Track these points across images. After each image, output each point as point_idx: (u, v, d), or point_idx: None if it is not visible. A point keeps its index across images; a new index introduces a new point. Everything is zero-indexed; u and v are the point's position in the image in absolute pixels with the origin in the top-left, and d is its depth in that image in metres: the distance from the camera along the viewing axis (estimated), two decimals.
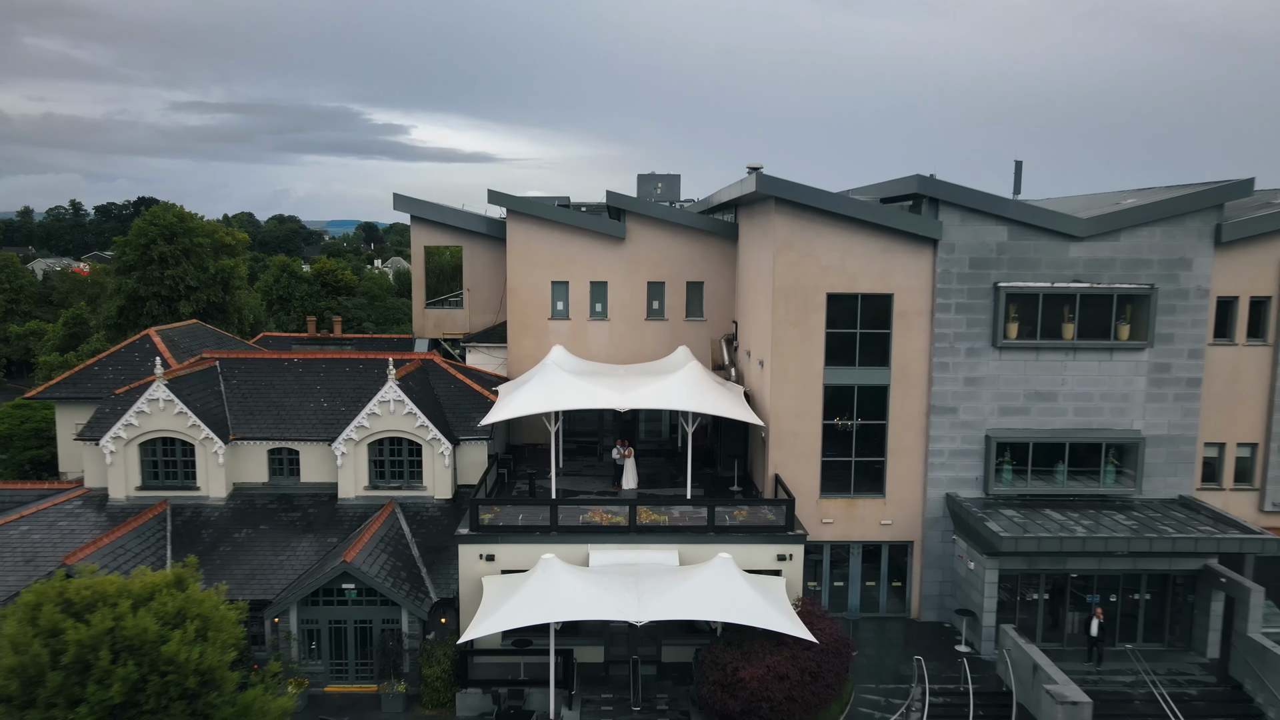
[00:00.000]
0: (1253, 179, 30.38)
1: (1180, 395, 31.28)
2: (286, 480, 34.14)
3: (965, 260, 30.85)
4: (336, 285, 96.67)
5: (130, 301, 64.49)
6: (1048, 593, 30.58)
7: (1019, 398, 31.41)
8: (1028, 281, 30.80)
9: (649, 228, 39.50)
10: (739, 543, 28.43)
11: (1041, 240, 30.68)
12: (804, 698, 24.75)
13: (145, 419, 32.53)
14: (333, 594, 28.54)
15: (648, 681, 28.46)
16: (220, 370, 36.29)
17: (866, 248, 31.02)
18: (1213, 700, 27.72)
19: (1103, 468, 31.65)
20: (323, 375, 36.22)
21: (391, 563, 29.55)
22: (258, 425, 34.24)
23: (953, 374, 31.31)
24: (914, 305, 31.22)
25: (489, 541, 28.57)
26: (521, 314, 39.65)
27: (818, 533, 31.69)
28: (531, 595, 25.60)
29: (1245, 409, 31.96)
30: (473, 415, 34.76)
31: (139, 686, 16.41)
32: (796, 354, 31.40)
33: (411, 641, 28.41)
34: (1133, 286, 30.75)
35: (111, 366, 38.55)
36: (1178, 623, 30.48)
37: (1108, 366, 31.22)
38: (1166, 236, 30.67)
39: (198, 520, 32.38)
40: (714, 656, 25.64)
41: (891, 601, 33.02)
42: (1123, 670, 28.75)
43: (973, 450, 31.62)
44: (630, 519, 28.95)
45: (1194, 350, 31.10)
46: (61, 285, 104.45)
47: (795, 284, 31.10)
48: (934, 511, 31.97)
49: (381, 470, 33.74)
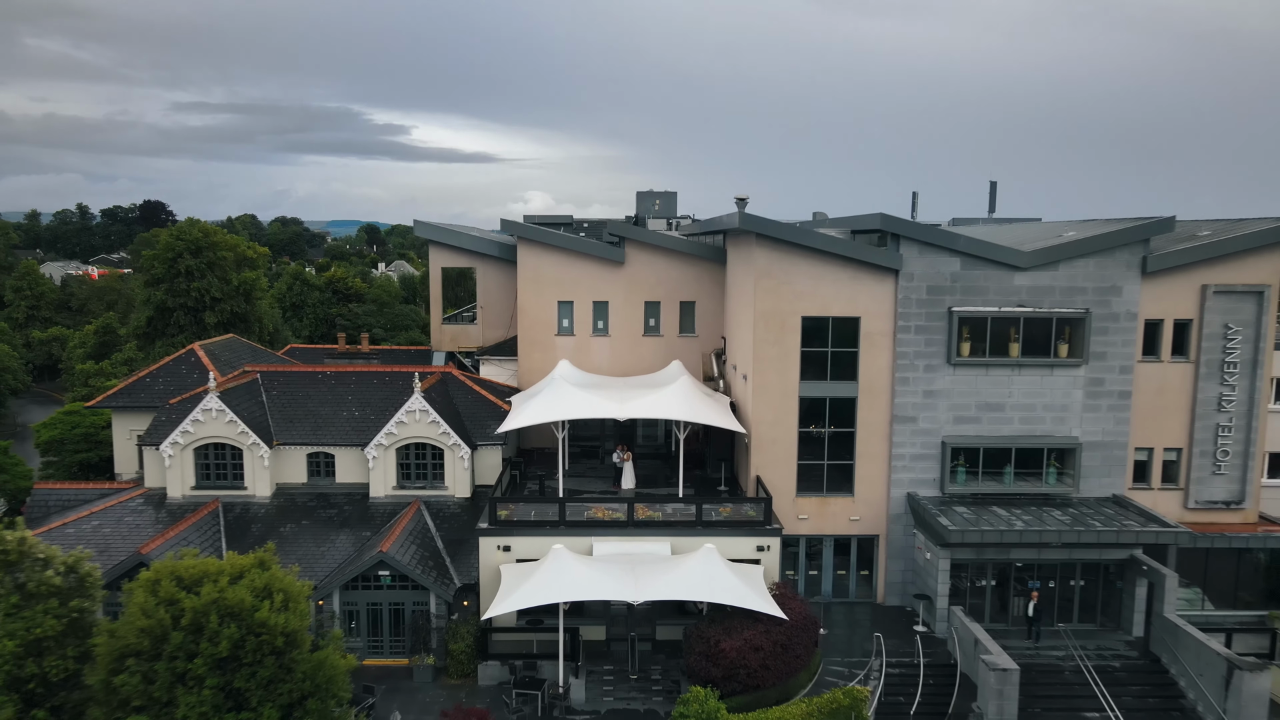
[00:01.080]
0: (1173, 217, 35.00)
1: (1113, 406, 35.87)
2: (323, 481, 38.78)
3: (923, 287, 35.42)
4: (347, 293, 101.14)
5: (159, 312, 68.98)
6: (995, 580, 35.14)
7: (971, 408, 35.99)
8: (978, 306, 35.38)
9: (646, 253, 44.10)
10: (723, 535, 33.03)
11: (990, 270, 35.26)
12: (776, 666, 29.38)
13: (200, 426, 37.15)
14: (370, 580, 33.16)
15: (644, 656, 33.12)
16: (261, 382, 40.90)
17: (837, 276, 35.59)
18: (1133, 671, 32.31)
19: (1045, 470, 36.27)
20: (353, 386, 40.82)
21: (420, 553, 34.15)
22: (297, 432, 38.87)
23: (913, 387, 35.88)
24: (878, 327, 35.79)
25: (505, 534, 33.15)
26: (531, 330, 44.26)
27: (794, 527, 36.27)
28: (543, 580, 30.20)
29: (1171, 418, 36.53)
30: (488, 423, 39.37)
31: (239, 644, 20.95)
32: (775, 370, 35.99)
33: (438, 621, 33.02)
34: (1070, 310, 35.34)
35: (162, 378, 43.16)
36: (1108, 605, 35.04)
37: (1049, 381, 35.80)
38: (1099, 267, 35.25)
39: (246, 516, 37.00)
40: (699, 632, 30.25)
41: (860, 588, 37.62)
42: (1057, 646, 33.33)
43: (931, 455, 36.21)
44: (629, 515, 33.56)
45: (1124, 366, 35.68)
46: (80, 292, 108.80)
47: (774, 308, 35.68)
48: (897, 508, 36.56)
49: (408, 472, 38.34)
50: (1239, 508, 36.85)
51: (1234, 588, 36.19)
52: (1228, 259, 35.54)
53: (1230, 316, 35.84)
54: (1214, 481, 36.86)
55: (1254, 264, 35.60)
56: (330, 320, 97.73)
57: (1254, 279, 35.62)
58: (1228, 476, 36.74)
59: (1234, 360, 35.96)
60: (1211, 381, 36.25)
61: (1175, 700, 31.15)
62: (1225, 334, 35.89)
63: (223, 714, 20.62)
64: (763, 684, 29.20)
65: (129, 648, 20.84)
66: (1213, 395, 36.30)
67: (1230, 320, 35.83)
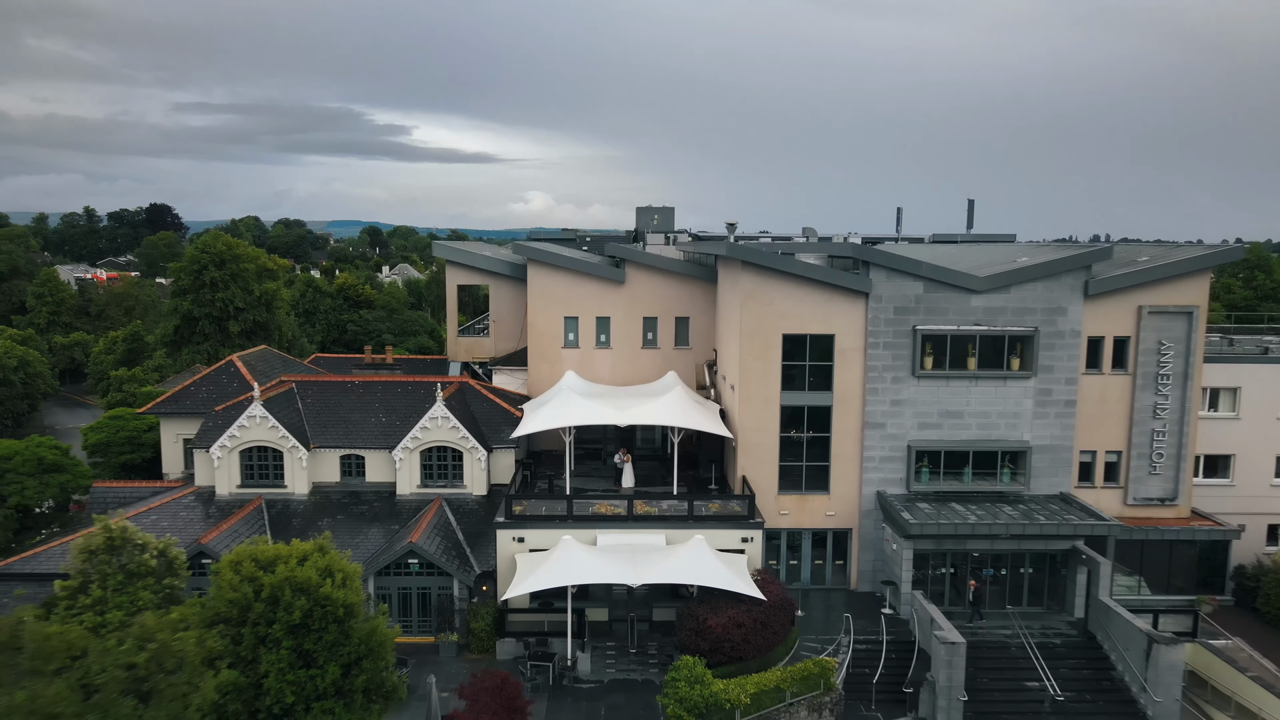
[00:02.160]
0: (1111, 246, 39.95)
1: (1059, 413, 40.68)
2: (355, 480, 43.65)
3: (890, 308, 40.23)
4: (357, 299, 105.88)
5: (185, 320, 73.96)
6: (953, 568, 39.93)
7: (933, 415, 40.81)
8: (939, 325, 40.19)
9: (644, 273, 48.94)
10: (712, 528, 37.87)
11: (949, 293, 40.06)
12: (756, 641, 34.23)
13: (245, 431, 42.00)
14: (401, 567, 38.00)
15: (642, 634, 38.00)
16: (297, 391, 45.75)
17: (814, 298, 40.40)
18: (1071, 647, 37.13)
19: (999, 470, 41.10)
20: (379, 395, 45.66)
21: (443, 544, 39.00)
22: (331, 436, 43.73)
23: (881, 397, 40.70)
24: (851, 343, 40.59)
25: (520, 527, 38.00)
26: (539, 343, 49.09)
27: (776, 522, 41.10)
28: (553, 567, 35.06)
29: (1111, 424, 41.34)
30: (502, 428, 44.20)
31: (309, 614, 25.70)
32: (759, 381, 40.81)
33: (461, 603, 37.89)
34: (1021, 329, 40.15)
35: (205, 387, 48.05)
36: (1053, 590, 39.82)
37: (1002, 391, 40.62)
38: (1047, 290, 40.06)
39: (287, 512, 41.84)
40: (690, 612, 35.09)
41: (835, 576, 42.45)
42: (1005, 626, 38.13)
43: (898, 457, 41.03)
44: (629, 510, 38.41)
45: (1070, 378, 40.49)
46: (99, 297, 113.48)
47: (758, 326, 40.50)
48: (868, 505, 41.38)
49: (430, 472, 43.18)
50: (1173, 504, 41.66)
51: (1167, 575, 40.99)
52: (1161, 283, 40.37)
53: (1164, 334, 40.66)
54: (1150, 481, 41.68)
55: (1184, 287, 40.42)
56: (341, 326, 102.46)
57: (1184, 301, 40.44)
58: (1163, 476, 41.56)
59: (1167, 373, 40.78)
60: (1147, 392, 41.06)
61: (1106, 672, 35.95)
62: (1159, 349, 40.71)
63: (295, 670, 25.43)
64: (745, 656, 34.03)
65: (219, 615, 25.67)
66: (1149, 404, 41.12)
67: (1163, 337, 40.64)
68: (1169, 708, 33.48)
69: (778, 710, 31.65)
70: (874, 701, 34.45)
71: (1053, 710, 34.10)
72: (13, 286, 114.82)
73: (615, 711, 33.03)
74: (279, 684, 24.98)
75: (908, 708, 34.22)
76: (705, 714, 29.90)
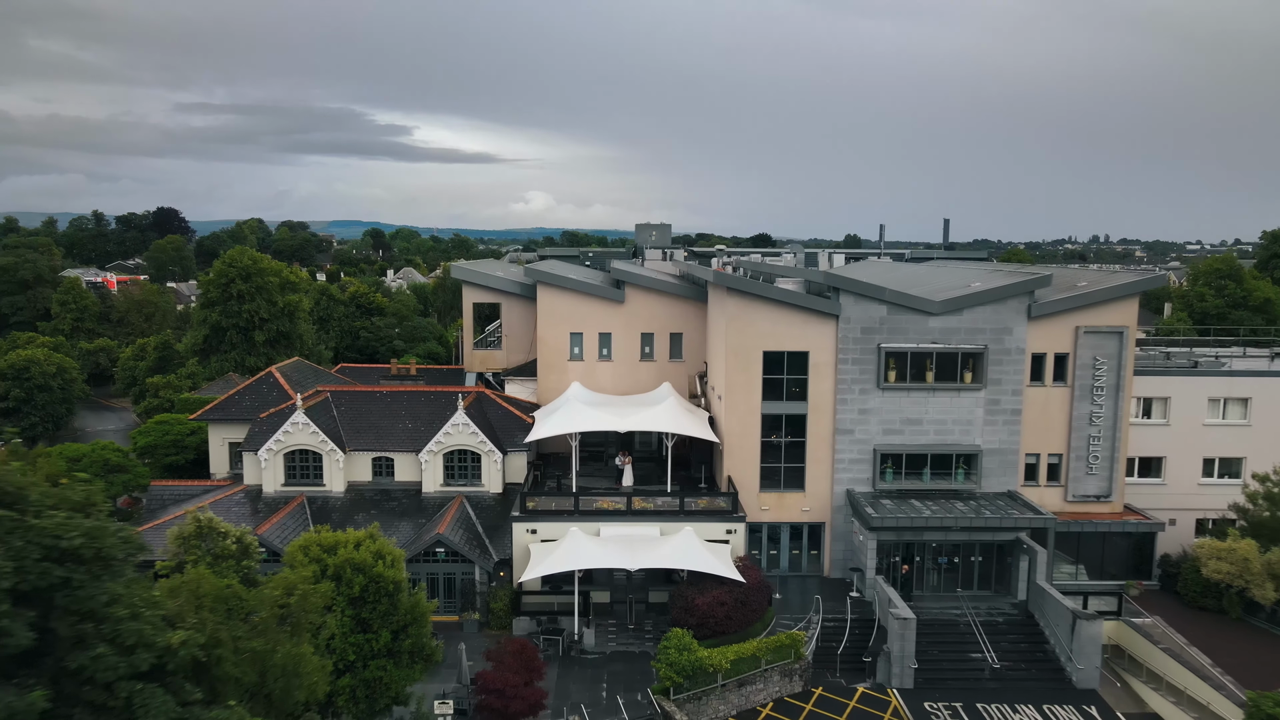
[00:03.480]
0: (1050, 275, 45.91)
1: (1007, 421, 46.77)
2: (385, 479, 49.78)
3: (858, 328, 46.31)
4: (369, 307, 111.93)
5: (214, 330, 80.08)
6: (917, 556, 45.96)
7: (896, 423, 46.89)
8: (901, 343, 46.27)
9: (642, 293, 55.05)
10: (700, 521, 43.99)
11: (910, 315, 46.15)
12: (737, 617, 40.34)
13: (289, 436, 48.12)
14: (429, 555, 44.10)
15: (639, 613, 44.12)
16: (332, 400, 51.86)
17: (791, 320, 46.47)
18: (1012, 625, 43.24)
19: (954, 471, 47.19)
20: (406, 403, 51.79)
21: (465, 535, 45.13)
22: (364, 440, 49.84)
23: (850, 406, 46.79)
24: (824, 359, 46.66)
25: (532, 520, 44.10)
26: (548, 356, 55.21)
27: (757, 516, 47.19)
28: (562, 555, 41.17)
29: (1053, 430, 47.42)
30: (515, 433, 50.31)
31: (365, 588, 31.77)
32: (743, 392, 46.89)
33: (482, 586, 44.01)
34: (972, 347, 46.24)
35: (248, 396, 54.19)
36: (1000, 576, 45.88)
37: (957, 401, 46.71)
38: (995, 313, 46.14)
39: (326, 508, 47.96)
40: (680, 593, 41.23)
41: (810, 564, 48.57)
42: (956, 606, 44.24)
43: (865, 459, 47.12)
44: (627, 506, 44.52)
45: (1016, 390, 46.57)
46: (121, 304, 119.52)
47: (741, 344, 46.59)
48: (839, 501, 47.47)
49: (452, 472, 49.29)
50: (1107, 500, 47.77)
51: (1102, 563, 47.06)
52: (1095, 306, 46.44)
53: (1098, 351, 46.74)
54: (1088, 480, 47.78)
55: (1116, 310, 46.50)
56: (354, 333, 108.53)
57: (1116, 322, 46.52)
58: (1098, 476, 47.66)
59: (1101, 385, 46.87)
60: (1084, 402, 47.15)
61: (1041, 645, 42.06)
62: (1094, 364, 46.79)
63: (355, 634, 31.56)
64: (727, 630, 40.14)
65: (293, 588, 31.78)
66: (1085, 412, 47.21)
67: (1098, 354, 46.73)
68: (1089, 674, 39.61)
69: (753, 675, 37.75)
70: (838, 669, 40.57)
71: (991, 677, 40.23)
72: (37, 294, 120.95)
73: (616, 677, 39.17)
74: (343, 645, 31.11)
75: (867, 674, 40.35)
76: (691, 676, 35.99)
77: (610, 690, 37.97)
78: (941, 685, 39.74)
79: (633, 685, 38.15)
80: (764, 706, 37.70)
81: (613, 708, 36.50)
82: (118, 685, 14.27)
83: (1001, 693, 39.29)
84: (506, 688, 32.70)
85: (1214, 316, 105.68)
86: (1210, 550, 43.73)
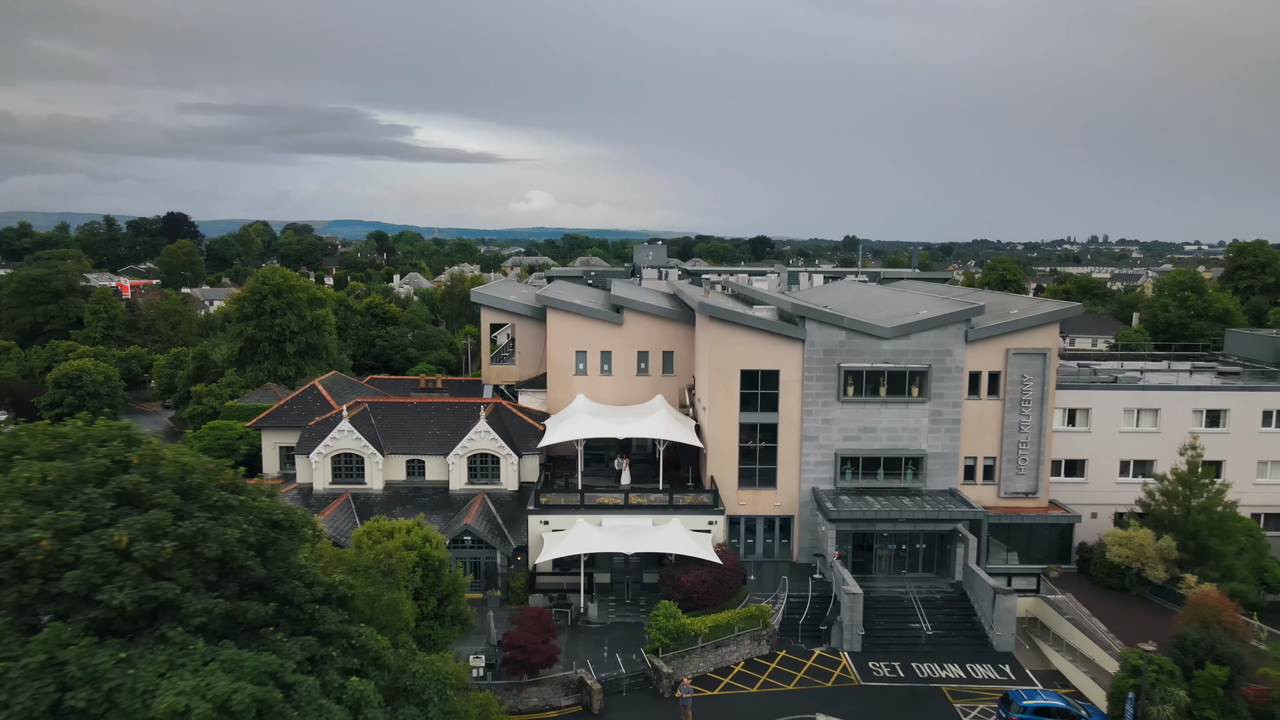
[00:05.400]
0: (983, 306, 55.04)
1: (948, 429, 55.94)
2: (417, 478, 59.02)
3: (821, 350, 55.48)
4: (384, 316, 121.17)
5: (248, 343, 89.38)
6: (873, 544, 55.03)
7: (854, 430, 56.06)
8: (857, 363, 55.42)
9: (638, 316, 64.27)
10: (686, 514, 53.19)
11: (865, 339, 55.29)
12: (715, 593, 49.57)
13: (336, 441, 57.35)
14: (457, 542, 53.30)
15: (635, 591, 53.39)
16: (370, 410, 61.10)
17: (765, 343, 55.60)
18: (948, 601, 52.43)
19: (904, 471, 56.37)
20: (434, 413, 61.02)
21: (488, 525, 54.37)
22: (399, 445, 59.08)
23: (815, 417, 55.96)
24: (792, 376, 55.81)
25: (545, 513, 53.30)
26: (556, 371, 64.42)
27: (736, 510, 56.37)
28: (570, 541, 50.39)
29: (988, 437, 56.59)
30: (529, 438, 59.52)
31: (416, 565, 40.95)
32: (723, 404, 56.07)
33: (502, 568, 53.24)
34: (918, 366, 55.39)
35: (295, 406, 63.44)
36: (942, 560, 55.05)
37: (905, 412, 55.87)
38: (938, 337, 55.31)
39: (368, 503, 57.18)
40: (668, 573, 50.47)
41: (781, 551, 57.79)
42: (901, 586, 53.41)
43: (827, 461, 56.30)
44: (625, 501, 53.76)
45: (955, 403, 55.74)
46: (148, 313, 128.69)
47: (722, 364, 55.76)
48: (805, 498, 56.64)
49: (475, 472, 58.52)
50: (1034, 497, 56.97)
51: (1029, 549, 56.21)
52: (1023, 331, 55.60)
53: (1025, 370, 55.91)
54: (1017, 479, 56.97)
55: (1040, 335, 55.69)
56: (370, 341, 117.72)
57: (1040, 345, 55.71)
58: (1026, 476, 56.86)
59: (1028, 398, 56.04)
60: (1014, 412, 56.33)
61: (970, 617, 51.26)
62: (1022, 381, 55.95)
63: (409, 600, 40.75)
64: (707, 604, 49.34)
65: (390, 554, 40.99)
66: (1015, 421, 56.39)
67: (1025, 372, 55.90)
68: (1006, 639, 48.84)
69: (728, 639, 46.97)
70: (800, 636, 49.81)
71: (926, 642, 49.45)
72: (68, 303, 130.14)
73: (615, 641, 48.38)
74: None
75: (823, 640, 49.58)
76: (676, 638, 45.20)
77: (610, 651, 47.18)
78: (885, 649, 48.98)
79: (629, 648, 47.32)
80: (736, 665, 46.94)
81: (612, 664, 45.69)
82: (305, 605, 23.31)
83: (934, 654, 48.51)
84: (528, 644, 41.97)
85: (1176, 326, 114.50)
86: (1114, 538, 52.96)
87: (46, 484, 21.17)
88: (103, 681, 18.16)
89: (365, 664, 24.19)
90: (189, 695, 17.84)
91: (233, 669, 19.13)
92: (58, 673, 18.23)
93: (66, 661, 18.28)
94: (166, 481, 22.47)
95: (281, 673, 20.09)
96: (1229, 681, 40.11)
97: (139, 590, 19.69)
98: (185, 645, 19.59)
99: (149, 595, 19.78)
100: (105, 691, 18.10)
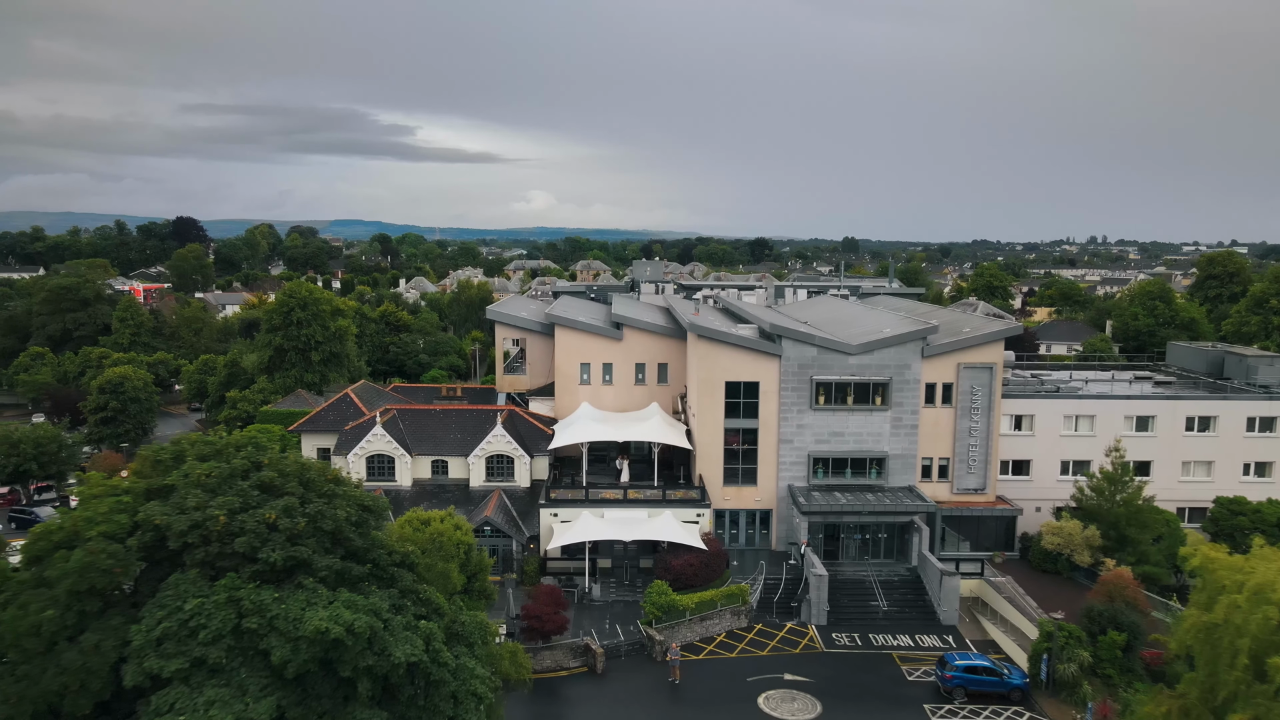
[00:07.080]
0: (937, 326, 64.08)
1: (907, 433, 65.00)
2: (441, 477, 68.12)
3: (795, 364, 64.53)
4: (397, 324, 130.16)
5: (276, 352, 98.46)
6: (841, 533, 64.08)
7: (825, 435, 65.13)
8: (827, 375, 64.48)
9: (636, 332, 73.37)
10: (678, 507, 62.29)
11: (834, 355, 64.34)
12: (702, 575, 58.69)
13: (370, 444, 66.45)
14: (478, 532, 62.31)
15: (632, 575, 62.53)
16: (398, 416, 70.23)
17: (747, 358, 64.66)
18: (905, 583, 61.48)
19: (869, 470, 65.45)
20: (455, 418, 70.14)
21: (505, 517, 63.46)
22: (424, 447, 68.18)
23: (790, 423, 65.00)
24: (770, 387, 64.85)
25: (554, 507, 62.39)
26: (563, 381, 73.52)
27: (721, 505, 65.45)
28: (576, 530, 59.51)
29: (942, 440, 65.64)
30: (539, 441, 68.61)
31: (459, 543, 49.87)
32: (710, 412, 65.13)
33: (517, 555, 62.34)
34: (881, 378, 64.44)
35: (331, 412, 72.57)
36: (901, 548, 64.06)
37: (869, 418, 64.92)
38: (898, 353, 64.35)
39: (398, 499, 66.25)
40: (661, 557, 59.58)
41: (761, 540, 66.89)
42: (863, 570, 62.48)
43: (801, 462, 65.37)
44: (624, 496, 62.86)
45: (914, 410, 64.79)
46: (172, 320, 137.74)
47: (708, 376, 64.82)
48: (782, 494, 65.73)
49: (492, 471, 67.61)
50: (983, 493, 66.05)
51: (978, 538, 65.26)
52: (972, 348, 64.64)
53: (974, 381, 64.96)
54: (968, 477, 66.05)
55: (986, 351, 64.74)
56: (384, 348, 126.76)
57: (986, 360, 64.77)
58: (976, 474, 65.93)
59: (977, 406, 65.10)
60: (965, 419, 65.39)
61: (921, 597, 60.33)
62: (972, 391, 65.00)
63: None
64: (694, 584, 58.44)
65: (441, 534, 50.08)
66: (966, 427, 65.44)
67: (974, 384, 64.95)
68: (951, 614, 57.95)
69: (711, 614, 56.05)
70: (774, 612, 58.90)
71: (883, 617, 58.54)
72: (96, 310, 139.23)
73: (615, 616, 57.47)
74: None
75: (794, 615, 58.68)
76: (667, 612, 54.28)
77: (611, 623, 56.28)
78: (847, 622, 58.07)
79: (627, 621, 56.41)
80: (719, 635, 56.04)
81: (613, 634, 54.79)
82: (388, 568, 32.30)
83: (889, 627, 57.59)
84: (542, 614, 51.08)
85: (1145, 334, 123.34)
86: (1049, 528, 62.06)
87: (210, 479, 30.20)
88: (266, 611, 27.14)
89: (429, 613, 33.23)
90: (327, 620, 26.82)
91: (350, 606, 28.11)
92: (235, 606, 27.22)
93: (242, 598, 27.28)
94: (291, 476, 31.53)
95: (380, 611, 29.10)
96: (1128, 645, 49.27)
97: (284, 551, 28.71)
98: (315, 590, 28.60)
99: (291, 555, 28.81)
100: (268, 619, 27.08)
